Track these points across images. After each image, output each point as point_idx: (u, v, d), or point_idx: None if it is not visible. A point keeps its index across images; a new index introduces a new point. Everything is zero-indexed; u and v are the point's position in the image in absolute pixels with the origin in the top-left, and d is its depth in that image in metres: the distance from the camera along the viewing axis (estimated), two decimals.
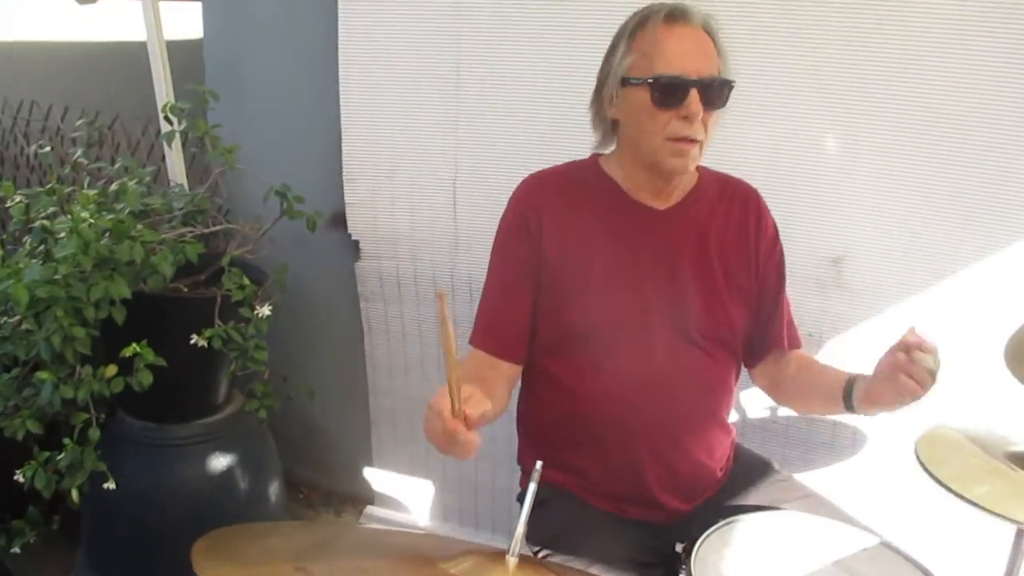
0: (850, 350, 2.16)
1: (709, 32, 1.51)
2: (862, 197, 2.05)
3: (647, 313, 1.57)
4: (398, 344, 2.59)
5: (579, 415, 1.60)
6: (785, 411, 2.30)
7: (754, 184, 1.78)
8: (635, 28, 1.51)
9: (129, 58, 2.76)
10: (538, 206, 1.60)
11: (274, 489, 2.45)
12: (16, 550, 2.23)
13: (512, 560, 0.94)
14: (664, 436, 1.59)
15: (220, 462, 2.25)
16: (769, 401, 2.28)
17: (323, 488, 2.90)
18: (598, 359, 1.57)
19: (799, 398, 1.77)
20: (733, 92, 1.52)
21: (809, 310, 2.17)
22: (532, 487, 0.96)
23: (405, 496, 2.76)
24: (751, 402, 2.31)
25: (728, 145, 1.89)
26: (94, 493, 2.03)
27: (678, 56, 1.46)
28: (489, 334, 1.63)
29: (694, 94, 1.45)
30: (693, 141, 1.48)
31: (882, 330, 2.12)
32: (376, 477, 2.78)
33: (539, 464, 1.00)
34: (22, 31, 3.13)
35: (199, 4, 2.53)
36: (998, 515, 1.38)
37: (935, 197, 2.00)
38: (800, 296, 2.14)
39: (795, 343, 1.75)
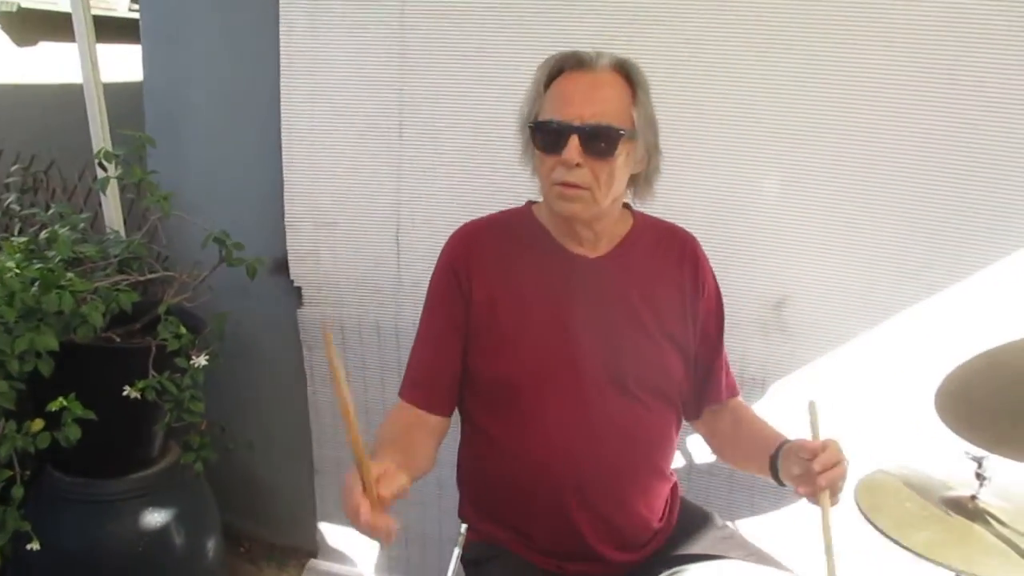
0: (795, 392, 2.17)
1: (625, 76, 1.49)
2: (801, 241, 2.08)
3: (580, 364, 1.53)
4: None
5: (513, 471, 1.56)
6: None
7: (694, 228, 1.78)
8: (540, 73, 1.51)
9: (66, 101, 2.72)
10: (468, 256, 1.58)
11: (212, 544, 2.37)
12: None
13: None
14: (600, 490, 1.55)
15: (155, 517, 2.18)
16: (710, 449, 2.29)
17: (265, 541, 2.82)
18: (530, 413, 1.53)
19: (733, 457, 1.77)
20: (675, 133, 1.55)
21: (754, 354, 2.19)
22: (456, 551, 0.92)
23: (349, 548, 2.69)
24: (696, 447, 2.31)
25: (667, 189, 1.89)
26: (19, 554, 1.95)
27: (563, 102, 1.46)
28: (416, 387, 1.60)
29: (573, 140, 1.42)
30: (577, 187, 1.46)
31: (825, 372, 2.15)
32: (320, 529, 2.70)
33: (463, 528, 0.97)
34: None
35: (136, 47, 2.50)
36: (936, 563, 1.38)
37: (873, 240, 2.03)
38: (744, 340, 2.17)
39: (733, 392, 1.75)
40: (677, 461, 2.29)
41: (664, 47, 2.02)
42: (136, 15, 3.73)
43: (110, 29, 2.77)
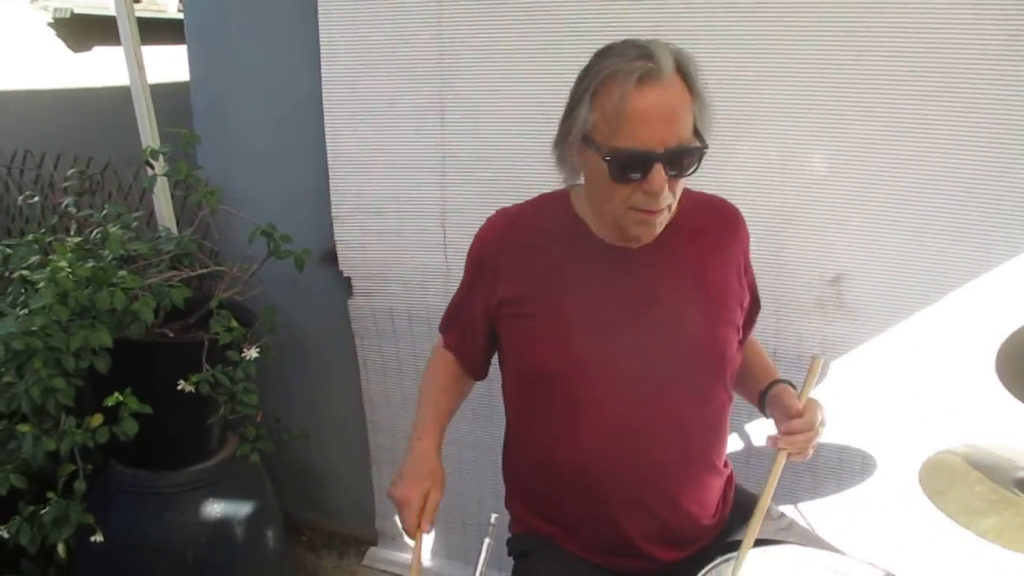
0: (856, 370, 2.10)
1: (683, 74, 1.35)
2: (857, 216, 2.00)
3: (624, 359, 1.46)
4: (395, 380, 2.55)
5: (556, 466, 1.52)
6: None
7: (749, 204, 1.71)
8: (600, 85, 1.34)
9: (119, 103, 2.77)
10: (497, 253, 1.54)
11: (273, 533, 2.41)
12: None
13: None
14: (648, 488, 1.50)
15: (216, 508, 2.22)
16: (769, 428, 2.23)
17: (324, 530, 2.85)
18: (571, 410, 1.49)
19: (743, 381, 1.70)
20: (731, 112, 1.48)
21: (811, 331, 2.12)
22: (487, 542, 0.91)
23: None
24: (756, 433, 2.25)
25: (722, 168, 1.85)
26: (85, 546, 2.00)
27: (642, 127, 1.31)
28: (451, 344, 1.69)
29: (658, 168, 1.31)
30: (660, 211, 1.38)
31: (886, 349, 2.07)
32: (379, 517, 2.73)
33: (494, 517, 0.96)
34: (14, 80, 3.15)
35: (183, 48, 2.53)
36: (1007, 548, 1.31)
37: (931, 213, 1.94)
38: (802, 317, 2.11)
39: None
40: (734, 446, 2.26)
41: (714, 25, 1.95)
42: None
43: (162, 31, 2.81)
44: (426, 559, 2.69)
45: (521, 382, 1.57)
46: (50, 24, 3.30)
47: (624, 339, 1.47)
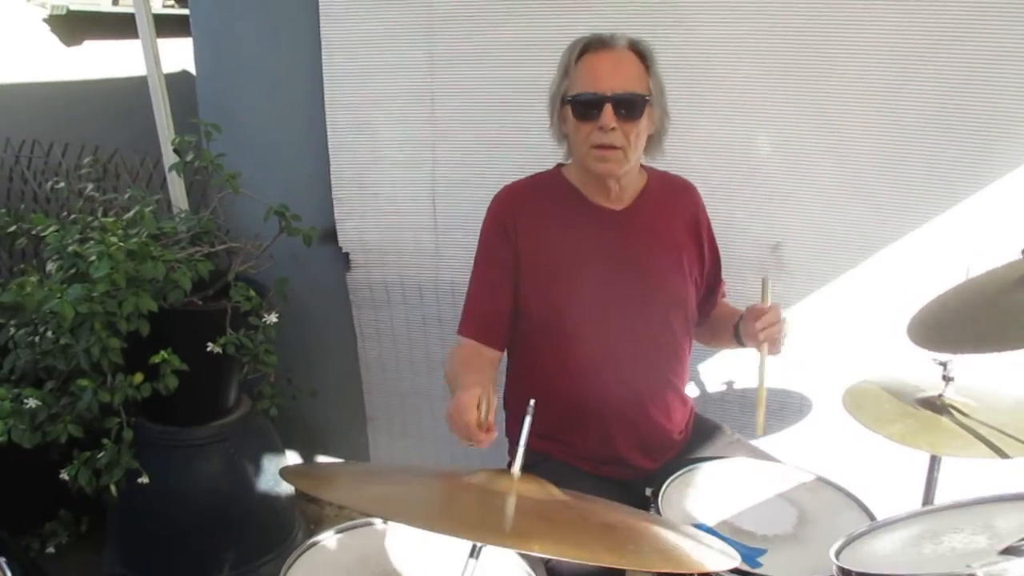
0: (795, 323, 2.45)
1: (637, 53, 1.78)
2: (795, 191, 2.35)
3: (610, 300, 1.84)
4: (389, 345, 2.83)
5: (555, 391, 1.86)
6: (740, 384, 2.59)
7: (696, 177, 2.08)
8: (569, 55, 1.79)
9: (122, 94, 2.98)
10: (513, 213, 1.87)
11: (283, 484, 2.67)
12: (51, 550, 2.44)
13: (516, 473, 1.20)
14: (629, 404, 1.86)
15: (235, 459, 2.48)
16: (726, 376, 2.59)
17: None
18: (569, 341, 1.84)
19: (711, 338, 2.09)
20: (688, 96, 1.87)
21: (755, 291, 2.45)
22: (528, 419, 1.21)
23: None
24: (710, 378, 2.60)
25: (673, 143, 2.17)
26: (125, 491, 2.25)
27: (594, 77, 1.74)
28: (474, 325, 1.89)
29: (607, 108, 1.71)
30: (613, 147, 1.75)
31: (822, 307, 2.42)
32: None
33: (532, 402, 1.25)
34: (16, 73, 3.33)
35: (179, 41, 2.74)
36: (908, 446, 1.67)
37: (857, 188, 2.31)
38: (745, 279, 2.45)
39: (723, 296, 2.10)
40: (692, 391, 2.61)
41: (671, 15, 2.28)
42: (170, 11, 4.01)
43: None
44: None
45: (530, 325, 1.89)
46: (45, 20, 3.47)
47: (606, 284, 1.84)
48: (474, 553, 1.12)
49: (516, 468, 1.23)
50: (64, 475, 2.07)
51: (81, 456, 2.08)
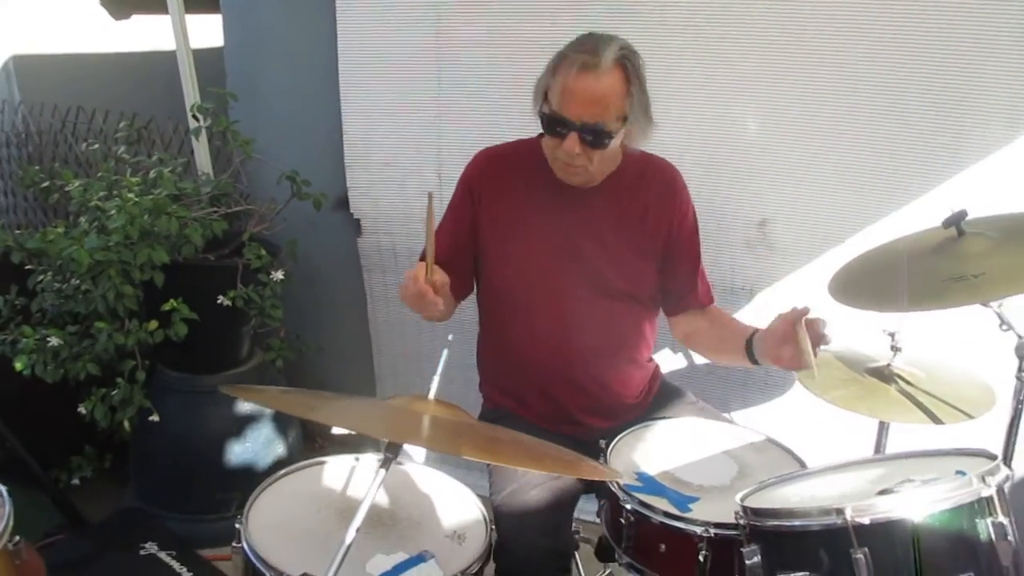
0: (779, 301, 2.52)
1: (623, 66, 1.72)
2: (780, 169, 2.42)
3: (563, 273, 1.92)
4: (396, 308, 2.98)
5: (515, 355, 1.99)
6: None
7: (683, 158, 2.15)
8: (558, 62, 1.75)
9: (160, 66, 3.17)
10: (482, 180, 1.98)
11: (293, 435, 2.85)
12: (76, 481, 2.67)
13: (431, 399, 1.34)
14: (580, 371, 1.95)
15: (245, 407, 2.65)
16: None
17: (335, 439, 3.31)
18: (526, 309, 1.94)
19: (712, 349, 2.08)
20: (673, 77, 1.98)
21: (741, 267, 2.55)
22: (445, 352, 1.35)
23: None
24: (696, 353, 2.69)
25: (665, 127, 2.25)
26: (142, 431, 2.45)
27: (566, 99, 1.71)
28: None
29: (572, 136, 1.72)
30: (576, 167, 1.79)
31: (806, 283, 2.49)
32: None
33: (451, 336, 1.38)
34: (67, 44, 3.56)
35: (214, 17, 2.93)
36: (847, 409, 1.76)
37: (839, 168, 2.37)
38: (733, 256, 2.54)
39: (709, 299, 2.07)
40: (678, 363, 2.70)
41: (662, 13, 2.36)
42: None
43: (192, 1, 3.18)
44: (430, 464, 3.15)
45: (492, 291, 2.01)
46: None
47: (561, 256, 1.92)
48: (385, 463, 1.27)
49: (432, 393, 1.36)
50: (82, 409, 2.26)
51: (98, 393, 2.28)
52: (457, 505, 1.71)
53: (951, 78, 2.19)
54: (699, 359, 2.68)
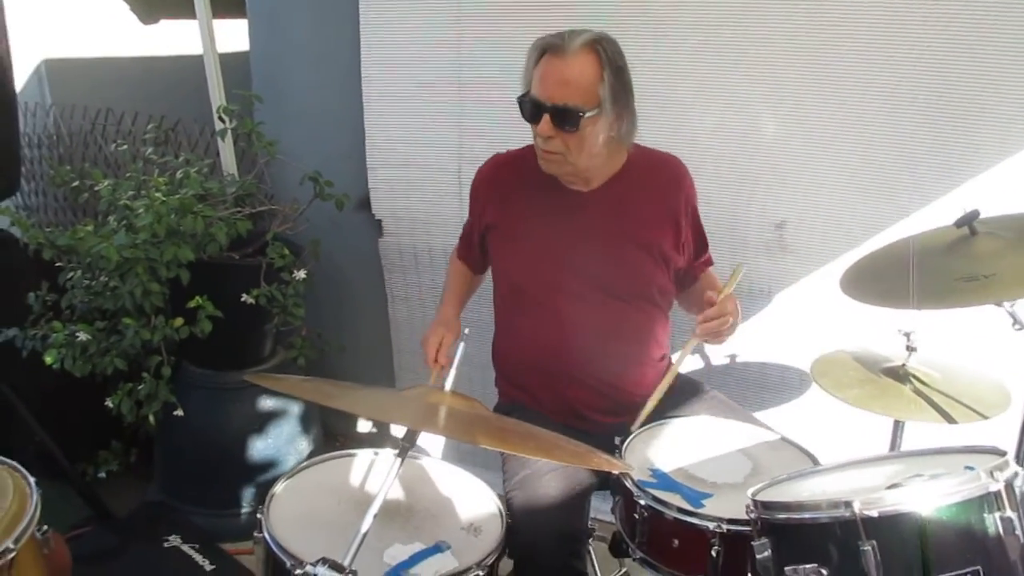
0: (797, 304, 2.54)
1: (597, 52, 1.77)
2: (797, 173, 2.43)
3: (572, 275, 1.95)
4: (417, 308, 3.02)
5: (526, 352, 2.04)
6: (743, 359, 2.69)
7: (702, 161, 2.20)
8: (531, 52, 1.84)
9: (187, 70, 3.23)
10: (489, 184, 2.06)
11: (314, 432, 2.90)
12: (102, 475, 2.73)
13: (447, 391, 1.37)
14: (588, 371, 1.98)
15: (267, 404, 2.70)
16: (729, 350, 2.68)
17: (356, 438, 3.35)
18: (534, 311, 1.99)
19: (694, 304, 2.12)
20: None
21: (759, 270, 2.55)
22: (461, 345, 1.39)
23: (424, 440, 3.18)
24: (714, 353, 2.70)
25: (686, 131, 2.31)
26: (167, 426, 2.51)
27: (540, 83, 1.79)
28: (461, 251, 2.22)
29: (545, 117, 1.78)
30: (553, 152, 1.84)
31: (824, 285, 2.50)
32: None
33: (466, 329, 1.42)
34: (98, 47, 3.64)
35: (241, 22, 2.99)
36: (862, 408, 1.77)
37: (854, 173, 2.38)
38: (750, 258, 2.54)
39: (709, 264, 2.16)
40: (696, 363, 2.72)
41: (674, 14, 2.38)
42: None
43: (219, 6, 3.24)
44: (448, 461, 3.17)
45: (503, 291, 2.07)
46: (125, 0, 3.78)
47: (572, 260, 1.95)
48: (402, 453, 1.30)
49: (448, 385, 1.39)
50: (109, 403, 2.32)
51: (124, 387, 2.33)
52: (473, 499, 1.74)
53: (967, 80, 2.19)
54: (716, 360, 2.70)
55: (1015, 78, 2.14)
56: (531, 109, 1.82)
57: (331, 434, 3.28)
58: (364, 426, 3.39)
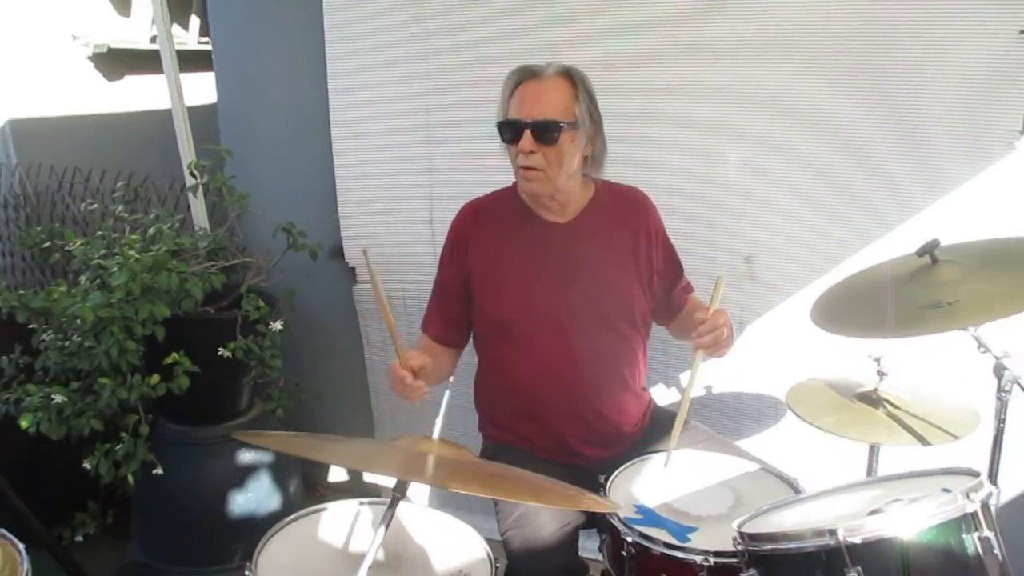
0: (768, 335, 2.58)
1: (569, 80, 1.92)
2: (764, 206, 2.50)
3: (553, 306, 2.00)
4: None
5: (513, 390, 2.06)
6: (719, 389, 2.73)
7: (669, 194, 2.28)
8: (505, 85, 1.96)
9: (153, 125, 3.25)
10: (467, 230, 2.10)
11: (294, 485, 2.87)
12: (79, 538, 2.68)
13: (435, 439, 1.38)
14: (579, 402, 2.02)
15: (247, 457, 2.68)
16: (705, 381, 2.72)
17: (340, 487, 3.33)
18: (520, 345, 2.03)
19: (684, 334, 2.20)
20: (642, 116, 2.16)
21: (729, 302, 2.56)
22: (447, 394, 1.40)
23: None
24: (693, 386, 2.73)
25: (655, 166, 2.39)
26: (145, 484, 2.47)
27: (517, 105, 1.92)
28: (432, 325, 2.16)
29: (527, 134, 1.88)
30: (535, 169, 1.91)
31: (793, 315, 2.55)
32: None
33: (451, 377, 1.44)
34: (62, 106, 3.65)
35: (203, 75, 3.02)
36: (838, 435, 1.81)
37: (821, 206, 2.45)
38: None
39: (690, 291, 2.24)
40: (673, 396, 2.75)
41: (638, 38, 2.46)
42: (205, 47, 4.30)
43: (183, 61, 3.27)
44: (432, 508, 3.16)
45: (485, 331, 2.10)
46: (89, 58, 3.79)
47: (552, 292, 2.01)
48: (393, 503, 1.31)
49: (436, 433, 1.41)
50: (86, 464, 2.29)
51: (102, 448, 2.31)
52: (461, 544, 1.75)
53: (925, 114, 2.28)
54: (692, 391, 2.73)
55: (969, 111, 2.23)
56: (511, 130, 1.91)
57: (311, 485, 3.26)
58: (337, 475, 3.37)
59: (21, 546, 1.43)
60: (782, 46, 2.37)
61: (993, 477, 1.69)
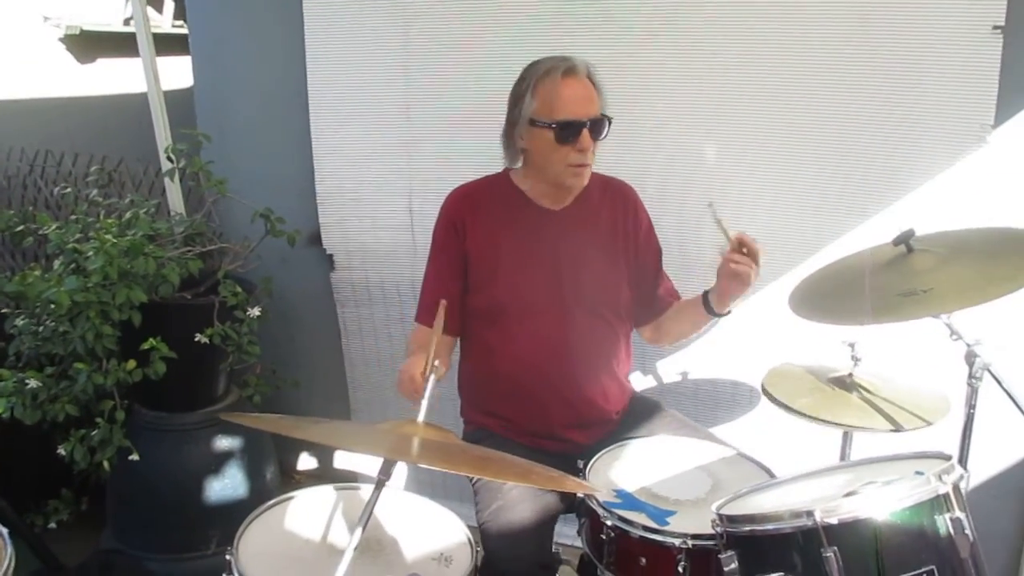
0: (745, 324, 2.61)
1: (591, 79, 1.96)
2: (742, 198, 2.52)
3: (547, 290, 2.03)
4: (371, 342, 3.02)
5: (500, 373, 2.08)
6: (694, 375, 2.76)
7: (658, 189, 2.31)
8: (538, 80, 1.94)
9: (127, 108, 3.21)
10: (462, 213, 2.09)
11: (271, 470, 2.86)
12: (52, 525, 2.66)
13: (420, 423, 1.39)
14: (565, 385, 2.05)
15: (223, 443, 2.67)
16: (681, 368, 2.75)
17: (313, 473, 3.32)
18: (511, 328, 2.04)
19: (674, 330, 2.21)
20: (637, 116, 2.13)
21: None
22: (432, 378, 1.41)
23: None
24: (667, 371, 2.77)
25: (629, 153, 2.40)
26: (120, 471, 2.46)
27: (572, 104, 1.92)
28: (429, 314, 2.07)
29: (585, 132, 1.91)
30: (587, 165, 1.96)
31: (772, 304, 2.58)
32: (356, 459, 3.19)
33: (437, 362, 1.44)
34: (33, 88, 3.59)
35: (179, 59, 2.98)
36: (812, 418, 1.85)
37: (797, 199, 2.49)
38: (701, 279, 2.60)
39: (675, 298, 2.22)
40: (649, 383, 2.78)
41: (618, 34, 2.48)
42: (180, 31, 4.26)
43: (157, 44, 3.23)
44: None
45: (475, 314, 2.10)
46: (60, 40, 3.73)
47: (543, 277, 2.04)
48: (379, 486, 1.32)
49: (421, 417, 1.41)
50: (61, 451, 2.27)
51: (77, 434, 2.28)
52: (442, 529, 1.76)
53: (900, 108, 2.33)
54: (669, 378, 2.77)
55: (941, 105, 2.28)
56: (570, 129, 1.92)
57: (287, 471, 3.25)
58: (307, 463, 3.37)
59: (4, 531, 1.42)
60: (758, 42, 2.40)
61: (964, 461, 1.73)
